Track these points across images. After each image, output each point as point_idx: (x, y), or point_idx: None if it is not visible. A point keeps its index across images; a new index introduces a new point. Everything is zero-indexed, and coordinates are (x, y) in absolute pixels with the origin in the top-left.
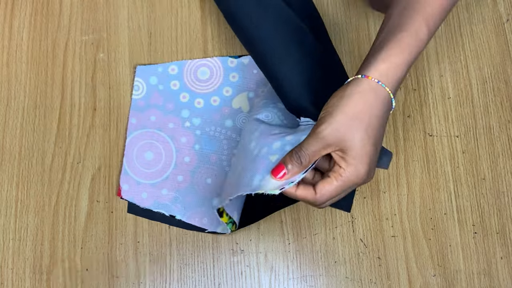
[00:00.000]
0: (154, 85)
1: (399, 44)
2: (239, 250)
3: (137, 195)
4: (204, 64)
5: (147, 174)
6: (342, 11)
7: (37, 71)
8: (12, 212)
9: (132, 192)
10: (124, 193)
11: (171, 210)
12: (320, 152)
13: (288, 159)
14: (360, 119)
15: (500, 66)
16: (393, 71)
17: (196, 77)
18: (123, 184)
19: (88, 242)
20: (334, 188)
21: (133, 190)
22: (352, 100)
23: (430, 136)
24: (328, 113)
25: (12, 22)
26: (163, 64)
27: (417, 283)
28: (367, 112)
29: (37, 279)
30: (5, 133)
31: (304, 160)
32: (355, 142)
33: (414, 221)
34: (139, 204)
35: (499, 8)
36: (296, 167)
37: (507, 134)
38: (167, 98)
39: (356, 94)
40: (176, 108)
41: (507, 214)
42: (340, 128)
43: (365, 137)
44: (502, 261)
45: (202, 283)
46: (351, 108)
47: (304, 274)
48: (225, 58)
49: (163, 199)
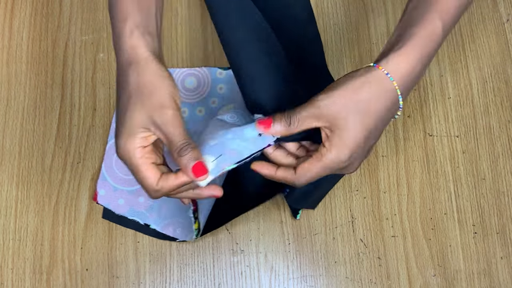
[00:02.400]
0: None
1: (413, 38)
2: (239, 250)
3: (113, 201)
4: (192, 73)
5: (125, 180)
6: (342, 11)
7: (37, 71)
8: (12, 212)
9: (109, 197)
10: (100, 198)
11: (146, 218)
12: (310, 121)
13: (278, 116)
14: (362, 105)
15: (500, 66)
16: (404, 66)
17: (184, 86)
18: (99, 189)
19: (88, 242)
20: (314, 168)
21: (110, 195)
22: (358, 84)
23: (430, 136)
24: (331, 87)
25: (12, 22)
26: None
27: (417, 283)
28: (369, 102)
29: (37, 279)
30: (5, 133)
31: (293, 122)
32: (347, 123)
33: (414, 221)
34: (115, 210)
35: (499, 8)
36: (282, 126)
37: (507, 134)
38: None
39: (363, 80)
40: None
41: (507, 214)
42: (337, 104)
43: (358, 124)
44: (502, 261)
45: (202, 283)
46: (355, 91)
47: (304, 274)
48: (214, 69)
49: (139, 207)
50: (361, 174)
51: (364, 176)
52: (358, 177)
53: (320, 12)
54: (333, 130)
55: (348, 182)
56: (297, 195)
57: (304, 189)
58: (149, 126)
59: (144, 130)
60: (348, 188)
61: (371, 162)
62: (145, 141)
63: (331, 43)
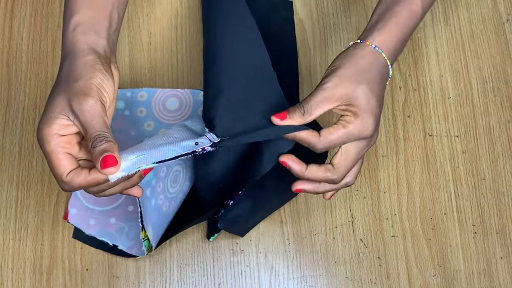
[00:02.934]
0: (120, 110)
1: (395, 16)
2: (239, 250)
3: (84, 220)
4: (174, 94)
5: (97, 200)
6: (342, 11)
7: (37, 71)
8: (12, 212)
9: (79, 217)
10: (71, 217)
11: (115, 239)
12: (323, 104)
13: (292, 108)
14: (363, 75)
15: (500, 66)
16: (389, 40)
17: (165, 106)
18: (71, 208)
19: None
20: (340, 134)
21: (81, 215)
22: (354, 58)
23: (430, 136)
24: (331, 71)
25: (12, 22)
26: (132, 89)
27: (417, 283)
28: (369, 70)
29: (37, 279)
30: (5, 133)
31: (307, 111)
32: (360, 94)
33: (414, 221)
34: (85, 231)
35: (499, 8)
36: (297, 115)
37: (507, 134)
38: (131, 124)
39: (357, 54)
40: (139, 135)
41: (507, 214)
42: (344, 82)
43: (369, 91)
44: (502, 261)
45: (202, 283)
46: (353, 65)
47: (304, 274)
48: (196, 91)
49: (109, 228)
50: (361, 174)
51: (364, 176)
52: (358, 177)
53: (320, 12)
54: (351, 104)
55: None
56: (231, 217)
57: (240, 213)
58: (68, 114)
59: (62, 116)
60: (348, 188)
61: (371, 162)
62: (63, 129)
63: (331, 43)
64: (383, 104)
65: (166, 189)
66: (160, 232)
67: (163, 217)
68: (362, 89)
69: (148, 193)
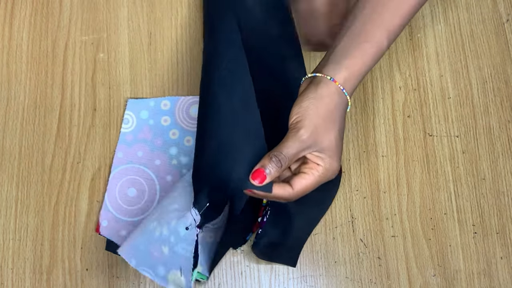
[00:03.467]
0: (145, 120)
1: (362, 54)
2: (239, 250)
3: (116, 232)
4: (197, 101)
5: (128, 211)
6: None
7: (37, 71)
8: (12, 212)
9: (111, 228)
10: (103, 230)
11: None
12: (298, 155)
13: (268, 162)
14: (333, 120)
15: (500, 66)
16: (354, 79)
17: (188, 114)
18: (102, 220)
19: (88, 242)
20: (310, 183)
21: (112, 226)
22: (324, 102)
23: (430, 136)
24: (304, 117)
25: (12, 22)
26: (155, 98)
27: (417, 283)
28: (336, 112)
29: (37, 279)
30: (5, 133)
31: (284, 163)
32: (331, 142)
33: (414, 221)
34: (117, 242)
35: (499, 8)
36: (275, 170)
37: (507, 134)
38: (156, 133)
39: (326, 96)
40: (165, 144)
41: (507, 214)
42: (318, 131)
43: (338, 136)
44: (502, 261)
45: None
46: (323, 110)
47: (304, 274)
48: None
49: None
50: (361, 174)
51: (364, 176)
52: (358, 177)
53: None
54: (322, 151)
55: (348, 182)
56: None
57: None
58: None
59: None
60: (348, 188)
61: (371, 162)
62: None
63: None
64: None
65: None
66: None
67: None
68: (334, 136)
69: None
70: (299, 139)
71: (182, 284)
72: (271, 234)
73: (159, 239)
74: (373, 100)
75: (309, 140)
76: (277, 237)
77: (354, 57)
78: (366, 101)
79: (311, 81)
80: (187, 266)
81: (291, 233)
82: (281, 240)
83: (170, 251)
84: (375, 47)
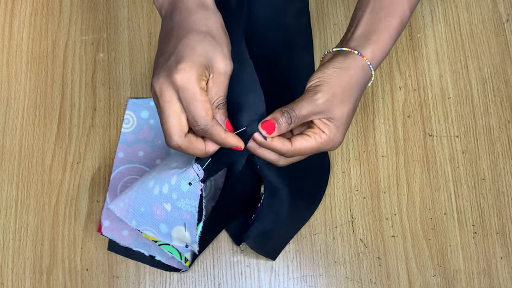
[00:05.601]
0: (145, 119)
1: (388, 28)
2: (239, 250)
3: (118, 232)
4: None
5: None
6: (342, 11)
7: (37, 71)
8: (12, 212)
9: (113, 228)
10: (105, 230)
11: (151, 250)
12: (309, 117)
13: (279, 117)
14: (351, 94)
15: (500, 66)
16: (381, 54)
17: None
18: (104, 220)
19: (88, 242)
20: (310, 146)
21: (114, 226)
22: (349, 74)
23: (430, 136)
24: (326, 83)
25: (12, 22)
26: None
27: (417, 283)
28: (357, 87)
29: (37, 279)
30: (5, 133)
31: (294, 122)
32: (344, 114)
33: (414, 221)
34: (119, 242)
35: (499, 8)
36: (284, 126)
37: (507, 134)
38: (157, 133)
39: (352, 69)
40: (165, 144)
41: (507, 214)
42: (334, 100)
43: (351, 111)
44: (502, 261)
45: (202, 283)
46: (345, 81)
47: (304, 274)
48: None
49: (143, 238)
50: (361, 174)
51: (364, 176)
52: (358, 177)
53: (320, 12)
54: (331, 120)
55: (348, 182)
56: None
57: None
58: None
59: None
60: (348, 188)
61: (371, 162)
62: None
63: (331, 43)
64: None
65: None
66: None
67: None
68: (348, 109)
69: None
70: (314, 102)
71: (186, 239)
72: (263, 220)
73: (160, 197)
74: (373, 100)
75: (323, 106)
76: (268, 223)
77: (380, 32)
78: (366, 101)
79: (338, 53)
80: (191, 221)
81: (281, 222)
82: (272, 228)
83: (173, 208)
84: (399, 20)
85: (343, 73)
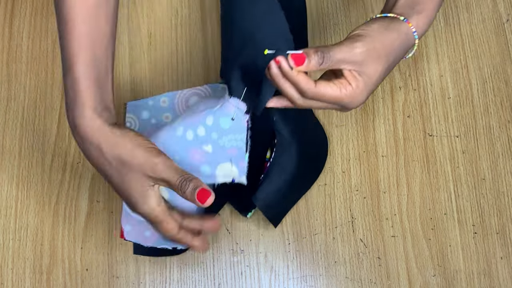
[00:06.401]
0: (147, 119)
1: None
2: (239, 250)
3: (140, 234)
4: (194, 93)
5: None
6: (342, 11)
7: (37, 71)
8: (12, 212)
9: (135, 232)
10: (127, 235)
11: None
12: (342, 64)
13: (312, 53)
14: (389, 56)
15: (500, 66)
16: (424, 25)
17: (188, 106)
18: (125, 225)
19: (88, 242)
20: (333, 95)
21: (136, 229)
22: (392, 36)
23: (430, 136)
24: (369, 36)
25: (12, 22)
26: (153, 97)
27: (417, 283)
28: (397, 51)
29: (37, 279)
30: (5, 133)
31: (325, 63)
32: (375, 73)
33: (414, 221)
34: (143, 244)
35: (499, 8)
36: (315, 63)
37: (507, 134)
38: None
39: (396, 32)
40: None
41: (507, 214)
42: (372, 54)
43: (383, 72)
44: (502, 261)
45: (202, 283)
46: (388, 41)
47: (304, 274)
48: (215, 85)
49: None
50: (361, 174)
51: (364, 176)
52: (358, 177)
53: (320, 12)
54: (361, 75)
55: (348, 182)
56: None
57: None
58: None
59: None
60: (348, 188)
61: (371, 162)
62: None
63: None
64: None
65: None
66: None
67: None
68: (381, 69)
69: None
70: (352, 49)
71: (233, 173)
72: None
73: (196, 141)
74: (373, 100)
75: (360, 56)
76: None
77: (424, 3)
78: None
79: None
80: (238, 155)
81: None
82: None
83: (215, 148)
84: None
85: (388, 33)
